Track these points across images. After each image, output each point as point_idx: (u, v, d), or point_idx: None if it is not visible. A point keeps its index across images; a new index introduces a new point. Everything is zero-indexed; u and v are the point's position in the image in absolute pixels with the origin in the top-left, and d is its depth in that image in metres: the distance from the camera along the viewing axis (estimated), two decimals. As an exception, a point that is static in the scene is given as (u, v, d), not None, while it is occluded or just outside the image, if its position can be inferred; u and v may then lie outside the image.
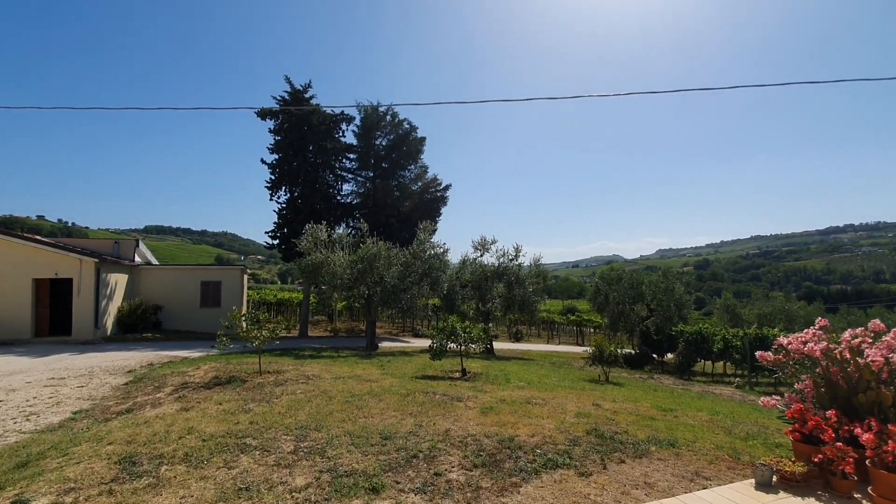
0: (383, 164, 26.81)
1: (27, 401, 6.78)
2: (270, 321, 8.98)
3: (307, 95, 24.63)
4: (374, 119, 26.07)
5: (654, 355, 20.94)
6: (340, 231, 19.43)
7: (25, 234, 18.40)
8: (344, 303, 25.28)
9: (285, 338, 21.86)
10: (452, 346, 9.91)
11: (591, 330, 35.75)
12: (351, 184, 27.28)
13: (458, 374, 9.74)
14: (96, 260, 16.83)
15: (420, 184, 27.14)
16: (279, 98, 24.42)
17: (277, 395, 6.53)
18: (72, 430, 5.18)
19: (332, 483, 3.52)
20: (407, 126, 26.95)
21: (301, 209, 23.88)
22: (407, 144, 26.79)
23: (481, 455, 4.20)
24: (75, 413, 6.10)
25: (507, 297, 19.57)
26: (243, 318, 8.34)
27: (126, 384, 8.12)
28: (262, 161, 24.75)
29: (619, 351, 12.97)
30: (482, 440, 4.61)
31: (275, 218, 24.79)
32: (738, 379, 16.59)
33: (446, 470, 3.85)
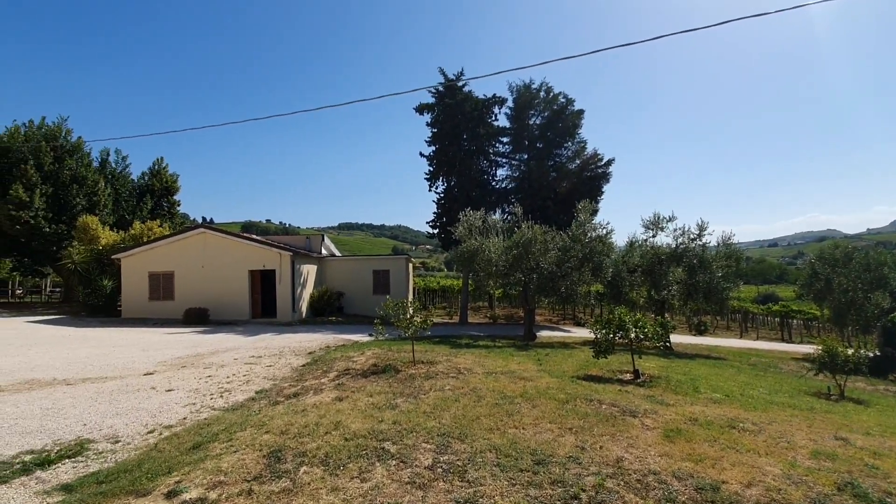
0: (538, 145, 25.53)
1: (227, 378, 7.84)
2: (422, 311, 8.84)
3: (460, 84, 24.74)
4: (526, 98, 24.93)
5: (909, 360, 15.49)
6: (495, 217, 19.01)
7: (243, 234, 22.52)
8: (501, 290, 25.01)
9: (446, 324, 22.60)
10: (620, 339, 8.49)
11: (801, 322, 28.84)
12: (505, 168, 26.73)
13: (628, 377, 8.30)
14: (291, 253, 19.60)
15: (578, 161, 25.10)
16: (434, 90, 25.07)
17: (426, 389, 6.23)
18: (247, 412, 5.62)
19: (470, 521, 2.84)
20: (562, 100, 25.12)
21: (457, 197, 24.25)
22: (563, 120, 24.99)
23: (670, 508, 3.06)
24: (258, 392, 6.75)
25: (688, 284, 16.67)
26: (395, 307, 8.37)
27: (303, 366, 8.91)
28: (421, 154, 25.86)
29: (862, 354, 9.65)
30: (671, 483, 3.42)
31: (434, 208, 25.76)
32: None
33: (619, 525, 2.84)
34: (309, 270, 21.74)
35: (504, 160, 26.65)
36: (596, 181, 24.67)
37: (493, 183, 26.24)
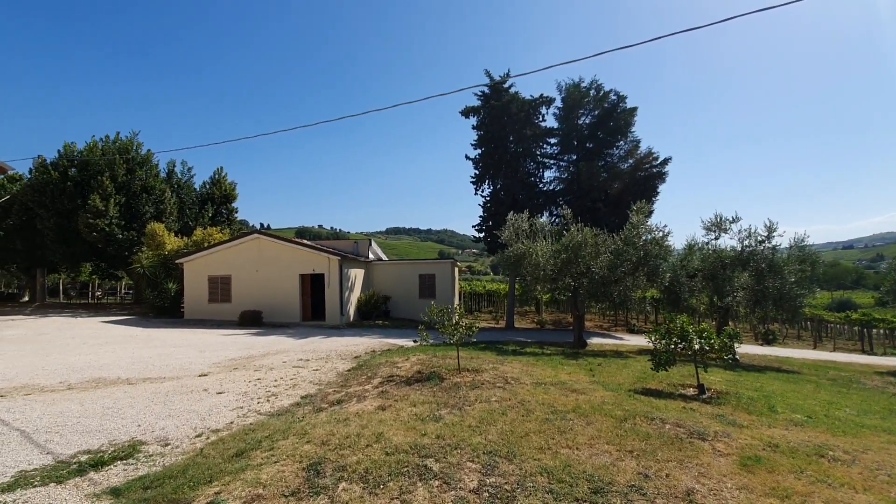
0: (587, 145, 24.67)
1: (275, 381, 7.92)
2: (467, 316, 8.58)
3: (506, 85, 24.38)
4: (575, 97, 24.15)
5: None
6: (542, 220, 18.46)
7: (293, 239, 23.21)
8: (549, 295, 24.29)
9: (492, 328, 22.20)
10: (682, 350, 7.83)
11: (884, 332, 26.05)
12: (553, 169, 26.02)
13: (692, 392, 7.63)
14: (340, 258, 19.96)
15: (631, 161, 23.99)
16: (479, 93, 24.84)
17: (471, 400, 5.95)
18: (291, 418, 5.58)
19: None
20: (614, 98, 24.15)
21: (503, 200, 23.86)
22: (614, 118, 24.01)
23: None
24: (303, 397, 6.74)
25: (756, 290, 15.40)
26: (440, 313, 8.16)
27: (348, 371, 8.89)
28: (467, 157, 25.67)
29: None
30: (753, 525, 2.95)
31: (480, 212, 25.48)
32: None
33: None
34: (356, 274, 22.07)
35: (552, 161, 25.96)
36: (650, 181, 23.47)
37: (541, 185, 25.62)
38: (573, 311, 16.84)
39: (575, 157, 24.95)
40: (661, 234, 14.94)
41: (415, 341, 12.54)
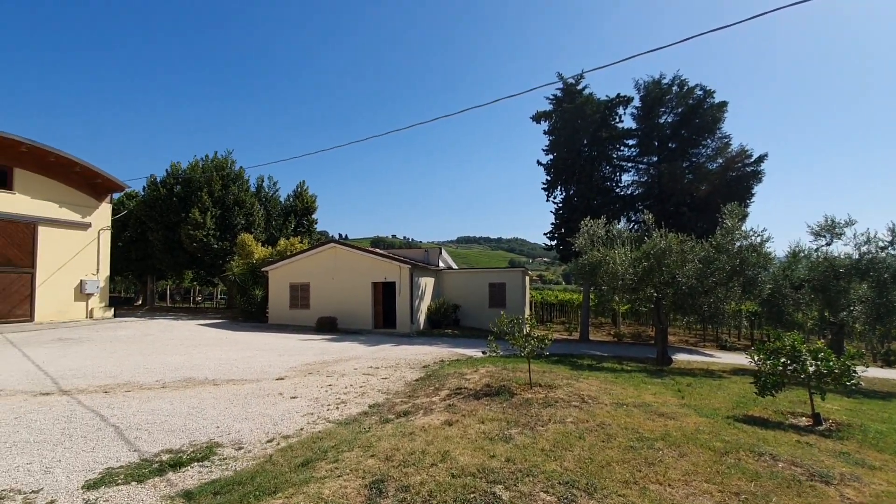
0: (670, 145, 23.03)
1: (345, 388, 8.00)
2: (538, 326, 8.13)
3: (579, 87, 23.52)
4: (656, 94, 22.69)
5: None
6: (620, 226, 17.38)
7: (367, 248, 23.93)
8: (627, 305, 22.81)
9: (565, 340, 21.23)
10: (791, 372, 6.76)
11: None
12: (631, 173, 24.57)
13: (805, 422, 6.56)
14: (410, 266, 20.21)
15: (721, 160, 21.99)
16: (552, 97, 24.18)
17: (544, 420, 5.52)
18: (358, 428, 5.52)
19: None
20: (699, 93, 22.37)
21: (577, 207, 22.91)
22: (700, 115, 22.21)
23: None
24: (371, 406, 6.70)
25: (877, 303, 13.26)
26: (510, 323, 7.78)
27: (416, 380, 8.78)
28: (538, 163, 25.03)
29: None
30: None
31: (552, 219, 24.66)
32: None
33: None
34: (427, 283, 22.21)
35: (629, 164, 24.53)
36: (743, 181, 21.33)
37: (617, 189, 24.28)
38: (655, 324, 15.60)
39: (656, 159, 23.39)
40: (758, 239, 13.38)
41: (484, 353, 12.22)
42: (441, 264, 25.82)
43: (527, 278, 26.44)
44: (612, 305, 21.47)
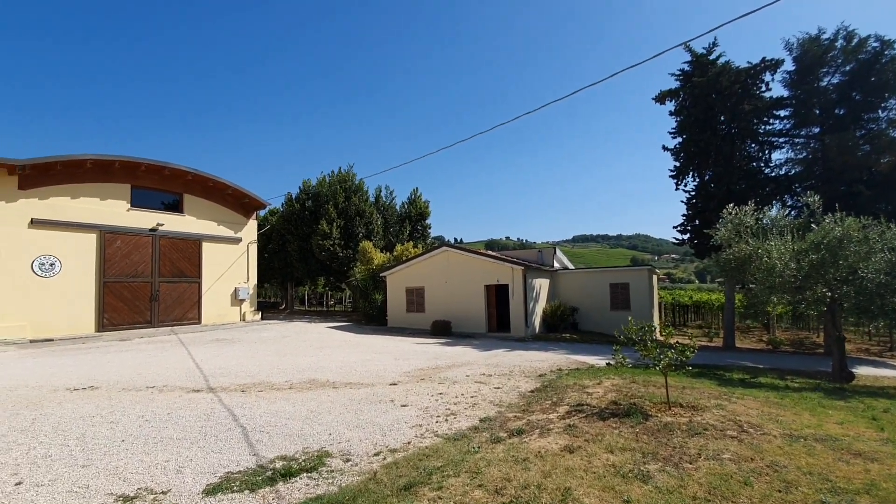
0: (836, 111, 18.93)
1: (455, 398, 7.64)
2: (672, 334, 6.90)
3: (712, 57, 20.58)
4: (814, 53, 18.84)
5: None
6: (773, 213, 14.57)
7: (478, 250, 23.71)
8: (783, 308, 19.19)
9: (705, 347, 18.53)
10: None
11: None
12: (784, 149, 20.75)
13: None
14: (523, 267, 19.44)
15: (911, 124, 17.42)
16: (678, 73, 21.51)
17: (691, 454, 4.47)
18: (467, 445, 5.06)
19: None
20: (875, 45, 18.06)
21: (714, 194, 19.99)
22: (878, 72, 17.92)
23: None
24: (481, 420, 6.22)
25: None
26: (639, 331, 6.69)
27: (531, 392, 8.08)
28: (664, 148, 22.45)
29: None
30: None
31: (682, 210, 21.88)
32: None
33: None
34: (541, 284, 21.21)
35: (782, 140, 20.71)
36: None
37: (767, 170, 20.65)
38: (829, 332, 12.72)
39: (818, 130, 19.42)
40: None
41: (608, 364, 10.99)
42: (556, 264, 24.53)
43: (654, 277, 23.83)
44: (766, 308, 18.14)
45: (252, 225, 25.98)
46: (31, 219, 17.46)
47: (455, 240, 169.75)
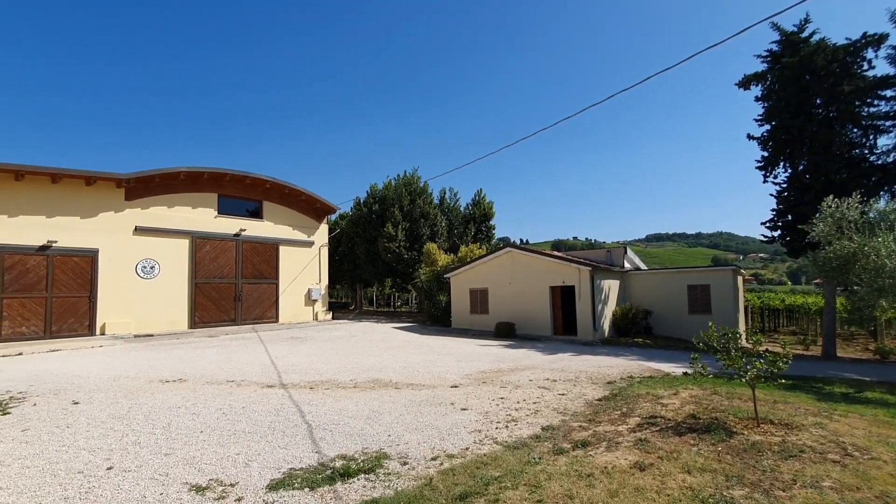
0: (960, 87, 16.25)
1: (517, 403, 7.43)
2: (763, 341, 6.20)
3: (804, 35, 18.54)
4: (931, 21, 16.30)
5: None
6: (881, 205, 12.77)
7: (542, 251, 23.12)
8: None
9: (800, 356, 16.62)
10: None
11: None
12: (892, 134, 18.13)
13: None
14: (590, 268, 18.66)
15: None
16: (765, 54, 19.59)
17: (785, 480, 3.96)
18: (527, 456, 4.87)
19: None
20: None
21: (808, 186, 17.95)
22: None
23: None
24: (544, 428, 5.98)
25: None
26: (722, 338, 6.08)
27: (598, 400, 7.66)
28: (749, 137, 20.52)
29: None
30: None
31: (772, 204, 19.87)
32: None
33: None
34: (610, 286, 20.24)
35: (889, 123, 18.10)
36: None
37: (873, 157, 18.16)
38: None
39: (937, 110, 16.77)
40: None
41: (686, 373, 10.17)
42: (626, 265, 23.29)
43: (739, 279, 21.83)
44: (875, 312, 15.84)
45: (323, 229, 27.28)
46: (136, 226, 19.59)
47: (521, 241, 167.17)
